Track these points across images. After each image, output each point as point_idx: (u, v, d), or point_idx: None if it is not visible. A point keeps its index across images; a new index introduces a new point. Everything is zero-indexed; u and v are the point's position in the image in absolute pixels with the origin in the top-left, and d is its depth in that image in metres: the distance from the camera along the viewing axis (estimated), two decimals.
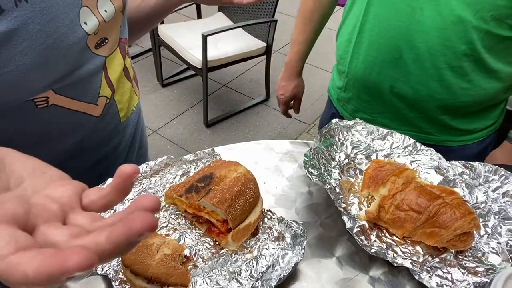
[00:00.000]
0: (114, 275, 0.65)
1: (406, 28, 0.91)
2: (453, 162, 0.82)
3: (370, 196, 0.77)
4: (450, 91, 0.95)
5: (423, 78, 0.95)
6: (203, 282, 0.64)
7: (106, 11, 0.72)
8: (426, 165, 0.82)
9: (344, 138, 0.87)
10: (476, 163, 0.81)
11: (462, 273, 0.66)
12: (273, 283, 0.62)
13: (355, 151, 0.85)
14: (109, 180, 0.77)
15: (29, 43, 0.59)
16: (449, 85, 0.94)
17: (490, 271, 0.65)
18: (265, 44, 2.81)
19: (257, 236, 0.71)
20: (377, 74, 1.00)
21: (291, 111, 1.54)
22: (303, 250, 0.67)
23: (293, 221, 0.71)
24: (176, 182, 0.81)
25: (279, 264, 0.65)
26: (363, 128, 0.88)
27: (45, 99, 0.67)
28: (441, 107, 0.99)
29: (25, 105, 0.66)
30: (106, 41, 0.75)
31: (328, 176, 0.78)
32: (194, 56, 2.63)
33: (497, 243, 0.70)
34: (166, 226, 0.73)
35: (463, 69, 0.91)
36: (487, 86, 0.94)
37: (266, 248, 0.69)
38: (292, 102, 1.49)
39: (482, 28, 0.85)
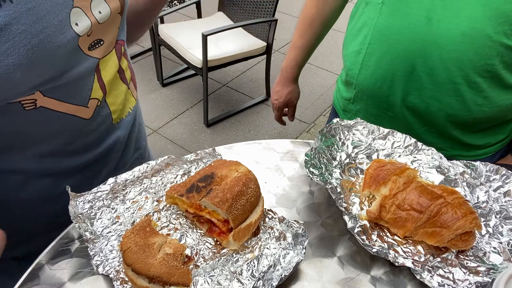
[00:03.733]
0: (115, 274, 0.65)
1: (421, 40, 0.87)
2: (454, 161, 0.82)
3: (371, 196, 0.77)
4: (464, 106, 0.91)
5: (437, 93, 0.91)
6: (204, 281, 0.64)
7: (100, 12, 0.71)
8: (427, 164, 0.82)
9: (345, 138, 0.87)
10: (478, 163, 0.81)
11: (464, 272, 0.66)
12: (274, 283, 0.62)
13: (356, 150, 0.85)
14: (110, 180, 0.77)
15: (12, 43, 0.58)
16: (464, 101, 0.90)
17: (491, 271, 0.65)
18: (265, 44, 2.81)
19: (258, 235, 0.71)
20: (388, 87, 0.97)
21: (285, 119, 1.50)
22: (304, 250, 0.67)
23: (294, 220, 0.71)
24: (177, 181, 0.81)
25: (280, 264, 0.65)
26: (364, 127, 0.88)
27: (33, 101, 0.66)
28: (453, 122, 0.95)
29: (11, 106, 0.64)
30: (102, 42, 0.73)
31: (329, 176, 0.78)
32: (194, 56, 2.63)
33: (499, 242, 0.70)
34: (167, 226, 0.73)
35: (479, 84, 0.87)
36: (503, 102, 0.91)
37: (267, 248, 0.69)
38: (286, 108, 1.44)
39: (502, 43, 0.81)
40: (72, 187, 0.73)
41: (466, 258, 0.68)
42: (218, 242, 0.70)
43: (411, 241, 0.71)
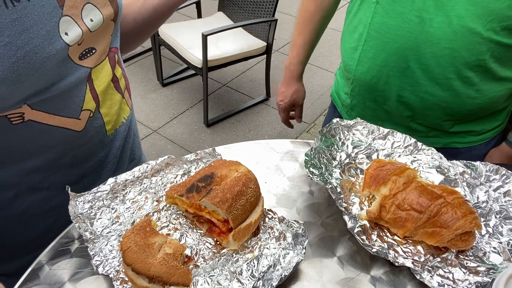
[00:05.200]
0: (115, 274, 0.65)
1: (414, 39, 0.89)
2: (454, 161, 0.82)
3: (371, 196, 0.77)
4: (458, 100, 0.94)
5: (431, 88, 0.94)
6: (204, 281, 0.64)
7: (92, 20, 0.68)
8: (427, 164, 0.82)
9: (345, 138, 0.87)
10: (477, 163, 0.81)
11: (464, 272, 0.66)
12: (274, 283, 0.62)
13: (356, 150, 0.85)
14: (110, 180, 0.77)
15: None
16: (457, 95, 0.93)
17: (491, 271, 0.65)
18: (265, 44, 2.81)
19: (258, 235, 0.71)
20: (384, 82, 0.99)
21: (293, 121, 1.46)
22: (304, 250, 0.67)
23: (294, 220, 0.71)
24: (177, 181, 0.81)
25: (280, 264, 0.65)
26: (364, 127, 0.88)
27: (20, 114, 0.63)
28: (447, 114, 0.98)
29: None
30: (94, 51, 0.71)
31: (329, 176, 0.78)
32: (194, 56, 2.63)
33: (498, 242, 0.70)
34: (167, 226, 0.73)
35: (471, 79, 0.90)
36: (494, 94, 0.93)
37: (267, 248, 0.69)
38: (293, 109, 1.42)
39: (492, 39, 0.84)
40: (63, 202, 0.71)
41: (466, 258, 0.68)
42: (218, 242, 0.70)
43: (411, 241, 0.71)
